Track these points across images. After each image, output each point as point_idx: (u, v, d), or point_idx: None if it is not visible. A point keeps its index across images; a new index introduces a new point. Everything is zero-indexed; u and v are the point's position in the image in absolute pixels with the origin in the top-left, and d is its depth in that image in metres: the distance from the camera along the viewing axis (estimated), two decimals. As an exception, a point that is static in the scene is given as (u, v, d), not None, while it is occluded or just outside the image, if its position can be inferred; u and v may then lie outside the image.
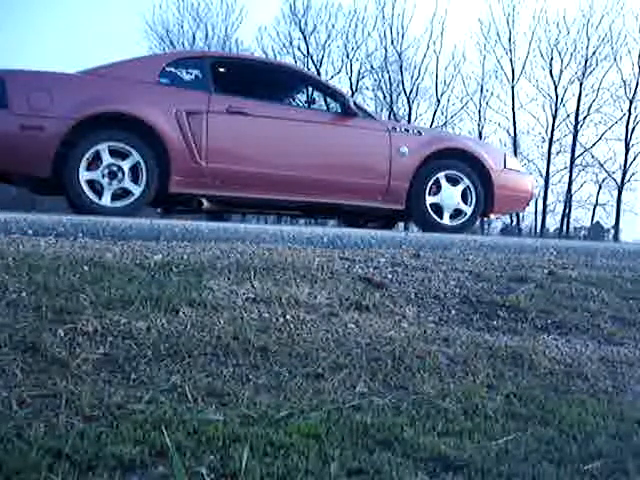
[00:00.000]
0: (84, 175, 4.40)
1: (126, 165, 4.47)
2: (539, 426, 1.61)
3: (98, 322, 1.89)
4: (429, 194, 5.21)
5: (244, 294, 2.34)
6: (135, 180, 4.51)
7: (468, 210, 5.30)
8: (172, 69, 4.83)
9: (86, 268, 2.39)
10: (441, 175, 5.22)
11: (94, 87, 4.63)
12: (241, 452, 1.30)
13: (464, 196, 5.29)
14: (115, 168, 4.45)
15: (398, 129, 5.31)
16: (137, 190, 4.51)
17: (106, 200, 4.45)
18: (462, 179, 5.26)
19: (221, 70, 5.03)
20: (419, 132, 5.44)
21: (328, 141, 5.13)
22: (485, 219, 5.75)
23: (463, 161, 5.29)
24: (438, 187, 5.25)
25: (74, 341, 1.77)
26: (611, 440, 1.55)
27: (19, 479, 1.16)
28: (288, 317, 2.18)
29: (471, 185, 5.27)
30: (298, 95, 5.83)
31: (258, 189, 4.90)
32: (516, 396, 1.80)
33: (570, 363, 2.14)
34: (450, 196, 5.25)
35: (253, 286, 2.43)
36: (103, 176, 4.44)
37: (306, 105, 5.66)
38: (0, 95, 4.36)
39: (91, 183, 4.44)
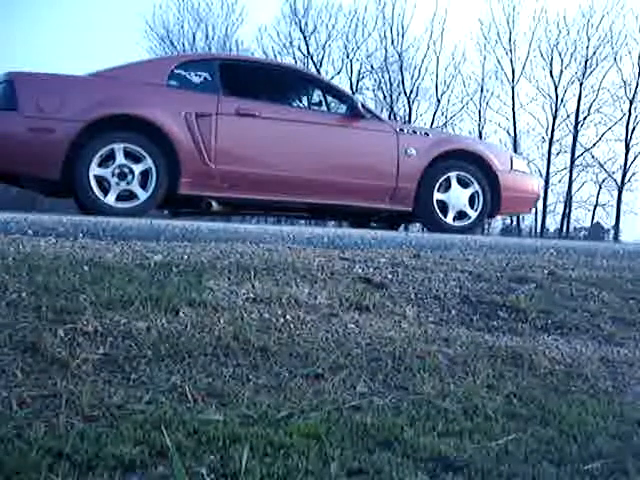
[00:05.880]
0: (94, 170, 4.42)
1: (138, 169, 4.49)
2: (539, 426, 1.61)
3: (98, 322, 1.89)
4: (437, 191, 5.22)
5: (244, 294, 2.33)
6: (143, 185, 4.52)
7: (473, 214, 5.30)
8: (181, 71, 4.85)
9: (86, 268, 2.39)
10: (452, 175, 5.23)
11: (103, 89, 4.64)
12: (241, 452, 1.29)
13: (471, 200, 5.30)
14: (126, 170, 4.47)
15: (405, 131, 5.32)
16: (143, 195, 4.53)
17: (110, 199, 4.46)
18: (472, 183, 5.27)
19: (230, 72, 5.04)
20: (426, 133, 5.46)
21: (336, 143, 5.14)
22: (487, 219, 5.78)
23: (470, 162, 5.30)
24: (447, 186, 5.25)
25: (74, 341, 1.77)
26: (611, 440, 1.55)
27: (19, 479, 1.16)
28: (288, 317, 2.18)
29: (480, 190, 5.27)
30: (306, 97, 5.84)
31: (266, 191, 4.91)
32: (516, 396, 1.80)
33: (570, 363, 2.13)
34: (457, 197, 5.26)
35: (253, 286, 2.43)
36: (113, 175, 4.45)
37: (314, 107, 5.66)
38: (9, 97, 4.38)
39: (99, 180, 4.45)
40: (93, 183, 4.42)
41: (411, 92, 26.44)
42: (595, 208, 27.90)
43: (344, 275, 2.75)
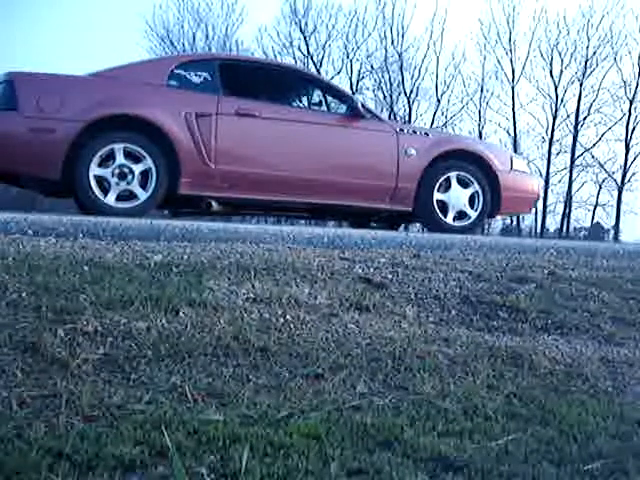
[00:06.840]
0: (94, 170, 4.42)
1: (138, 169, 4.50)
2: (539, 426, 1.61)
3: (98, 322, 1.89)
4: (437, 191, 5.22)
5: (244, 294, 2.33)
6: (143, 185, 4.53)
7: (473, 214, 5.31)
8: (181, 71, 4.85)
9: (86, 268, 2.39)
10: (452, 175, 5.23)
11: (103, 90, 4.64)
12: (241, 452, 1.29)
13: (471, 200, 5.30)
14: (126, 170, 4.47)
15: (405, 131, 5.33)
16: (143, 195, 4.53)
17: (110, 199, 4.46)
18: (472, 183, 5.27)
19: (230, 72, 5.04)
20: (426, 133, 5.46)
21: (336, 143, 5.14)
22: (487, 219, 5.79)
23: (470, 162, 5.30)
24: (447, 186, 5.25)
25: (74, 341, 1.77)
26: (611, 440, 1.55)
27: (19, 479, 1.16)
28: (288, 317, 2.18)
29: (480, 190, 5.27)
30: (306, 97, 5.84)
31: (266, 191, 4.91)
32: (516, 396, 1.80)
33: (570, 363, 2.14)
34: (457, 197, 5.26)
35: (253, 286, 2.43)
36: (113, 175, 4.46)
37: (314, 107, 5.66)
38: (9, 97, 4.39)
39: (99, 180, 4.45)
40: (93, 183, 4.42)
41: (411, 92, 26.45)
42: (595, 208, 27.92)
43: (344, 275, 2.75)
